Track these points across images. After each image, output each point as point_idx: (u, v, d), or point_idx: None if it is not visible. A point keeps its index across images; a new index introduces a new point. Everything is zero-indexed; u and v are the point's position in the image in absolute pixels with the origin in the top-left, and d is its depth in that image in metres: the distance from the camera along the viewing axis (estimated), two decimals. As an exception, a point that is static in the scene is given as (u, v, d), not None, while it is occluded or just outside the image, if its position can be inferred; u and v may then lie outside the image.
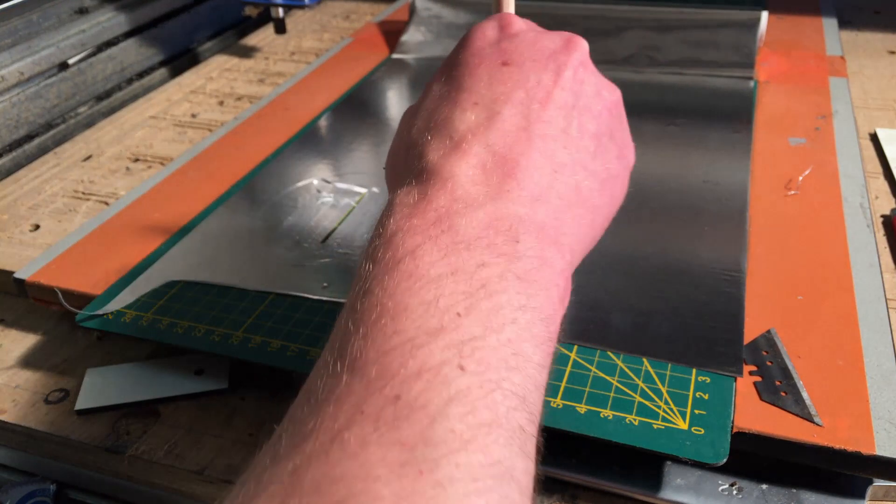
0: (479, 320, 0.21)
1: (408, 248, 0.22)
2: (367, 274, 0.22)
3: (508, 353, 0.20)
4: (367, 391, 0.19)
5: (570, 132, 0.26)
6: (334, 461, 0.18)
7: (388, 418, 0.18)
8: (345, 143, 0.57)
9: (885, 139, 0.57)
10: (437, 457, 0.18)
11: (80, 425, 0.38)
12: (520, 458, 0.19)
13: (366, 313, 0.21)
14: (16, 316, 0.47)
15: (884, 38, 0.76)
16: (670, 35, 0.67)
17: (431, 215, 0.23)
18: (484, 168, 0.24)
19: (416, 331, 0.20)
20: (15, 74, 0.65)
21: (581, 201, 0.26)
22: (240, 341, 0.38)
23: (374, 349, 0.20)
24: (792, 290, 0.39)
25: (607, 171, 0.28)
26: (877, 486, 0.33)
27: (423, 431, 0.18)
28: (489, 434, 0.19)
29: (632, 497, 0.33)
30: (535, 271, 0.23)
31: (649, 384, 0.34)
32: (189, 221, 0.48)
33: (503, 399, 0.20)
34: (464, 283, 0.21)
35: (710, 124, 0.56)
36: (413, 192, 0.24)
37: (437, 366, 0.19)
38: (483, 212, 0.23)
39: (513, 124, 0.26)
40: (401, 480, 0.17)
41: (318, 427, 0.19)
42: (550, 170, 0.25)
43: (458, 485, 0.17)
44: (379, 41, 0.76)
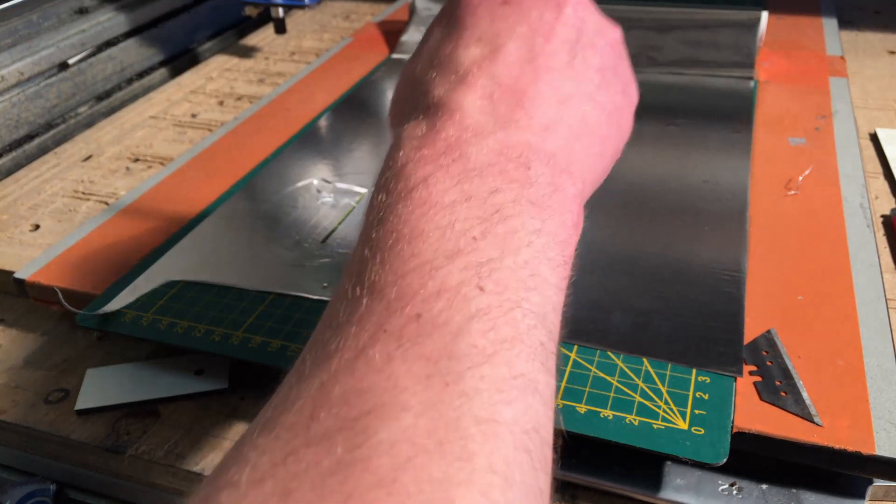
0: (495, 243, 0.21)
1: (420, 177, 0.22)
2: (379, 204, 0.22)
3: (526, 275, 0.21)
4: (388, 311, 0.19)
5: (574, 65, 0.26)
6: (360, 375, 0.18)
7: (411, 335, 0.19)
8: (345, 143, 0.57)
9: (885, 139, 0.57)
10: (462, 370, 0.18)
11: (80, 425, 0.38)
12: (542, 373, 0.20)
13: (382, 240, 0.21)
14: (16, 316, 0.47)
15: (884, 38, 0.76)
16: (670, 35, 0.67)
17: (441, 145, 0.23)
18: (491, 98, 0.24)
19: (433, 254, 0.20)
20: (15, 74, 0.65)
21: (589, 131, 0.26)
22: (240, 341, 0.38)
23: (392, 272, 0.20)
24: (792, 290, 0.39)
25: (613, 103, 0.28)
26: (877, 486, 0.33)
27: (446, 346, 0.18)
28: (511, 349, 0.19)
29: (632, 497, 0.33)
30: (547, 197, 0.23)
31: (649, 384, 0.34)
32: (189, 221, 0.48)
33: (523, 317, 0.20)
34: (478, 208, 0.21)
35: (710, 124, 0.56)
36: (421, 124, 0.24)
37: (457, 286, 0.20)
38: (493, 139, 0.23)
39: (517, 57, 0.25)
40: (427, 391, 0.17)
41: (342, 346, 0.19)
42: (557, 100, 0.25)
43: (484, 395, 0.18)
44: (379, 41, 0.76)
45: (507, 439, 0.18)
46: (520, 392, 0.18)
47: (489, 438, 0.17)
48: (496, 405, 0.18)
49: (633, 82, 0.30)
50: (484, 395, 0.18)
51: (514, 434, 0.18)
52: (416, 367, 0.18)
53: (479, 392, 0.18)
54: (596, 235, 0.44)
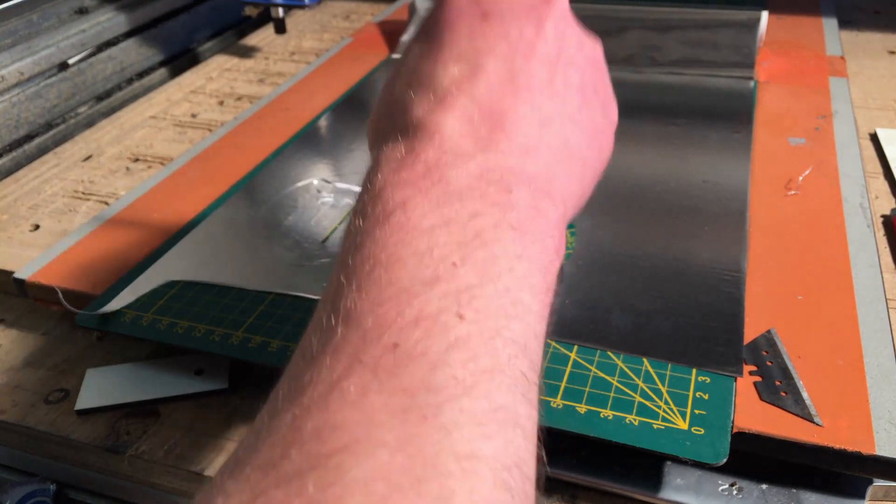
0: (475, 269, 0.20)
1: (398, 201, 0.22)
2: (357, 229, 0.22)
3: (507, 302, 0.20)
4: (363, 341, 0.19)
5: (555, 85, 0.26)
6: (334, 409, 0.17)
7: (388, 366, 0.18)
8: (345, 143, 0.57)
9: (885, 139, 0.57)
10: (440, 402, 0.17)
11: (80, 425, 0.38)
12: (523, 405, 0.19)
13: (358, 267, 0.20)
14: (16, 316, 0.47)
15: (884, 38, 0.76)
16: (670, 35, 0.67)
17: (420, 168, 0.22)
18: (471, 121, 0.24)
19: (410, 280, 0.20)
20: (15, 74, 0.65)
21: (570, 154, 0.26)
22: (240, 341, 0.38)
23: (368, 300, 0.19)
24: (792, 290, 0.39)
25: (593, 124, 0.27)
26: (877, 486, 0.33)
27: (424, 378, 0.18)
28: (492, 380, 0.18)
29: (632, 497, 0.33)
30: (529, 221, 0.22)
31: (649, 384, 0.34)
32: (189, 221, 0.48)
33: (504, 346, 0.19)
34: (458, 233, 0.21)
35: (710, 124, 0.56)
36: (399, 147, 0.24)
37: (435, 314, 0.19)
38: (473, 163, 0.23)
39: (497, 77, 0.25)
40: (404, 426, 0.17)
41: (315, 379, 0.18)
42: (538, 122, 0.25)
43: (464, 429, 0.17)
44: (379, 41, 0.76)
45: (488, 477, 0.17)
46: (500, 426, 0.18)
47: (469, 476, 0.17)
48: (476, 440, 0.17)
49: (613, 100, 0.30)
50: (464, 430, 0.17)
51: (494, 471, 0.17)
52: (392, 400, 0.17)
53: (459, 426, 0.17)
54: (596, 235, 0.44)
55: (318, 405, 0.17)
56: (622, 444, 0.31)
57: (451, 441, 0.17)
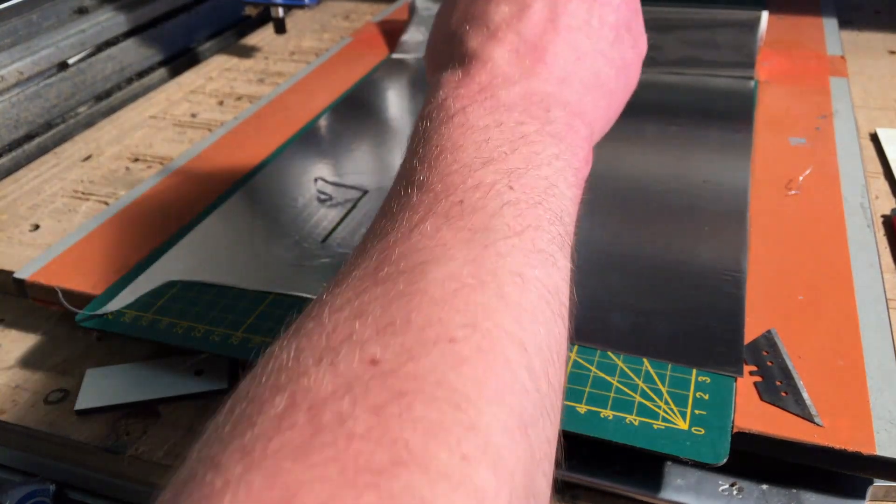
0: (521, 158, 0.25)
1: (458, 107, 0.27)
2: (423, 128, 0.27)
3: (546, 185, 0.25)
4: (435, 199, 0.23)
5: (591, 23, 0.30)
6: (415, 241, 0.22)
7: (456, 214, 0.23)
8: (345, 143, 0.57)
9: (885, 139, 0.57)
10: (497, 238, 0.22)
11: (80, 425, 0.38)
12: (560, 254, 0.24)
13: (428, 152, 0.25)
14: (16, 316, 0.47)
15: (884, 38, 0.76)
16: (670, 35, 0.67)
17: (475, 87, 0.27)
18: (517, 53, 0.28)
19: (471, 160, 0.24)
20: (14, 74, 0.65)
21: (600, 85, 0.30)
22: (240, 341, 0.38)
23: (438, 174, 0.24)
24: (792, 290, 0.39)
25: (623, 59, 0.31)
26: (877, 486, 0.33)
27: (484, 222, 0.22)
28: (536, 231, 0.23)
29: (632, 497, 0.33)
30: (564, 133, 0.27)
31: (649, 384, 0.34)
32: (189, 221, 0.48)
33: (544, 212, 0.24)
34: (507, 132, 0.26)
35: (710, 124, 0.56)
36: (457, 71, 0.29)
37: (491, 183, 0.24)
38: (519, 87, 0.27)
39: (542, 16, 0.29)
40: (470, 249, 0.22)
41: (397, 226, 0.23)
42: (574, 57, 0.29)
43: (515, 257, 0.22)
44: (379, 41, 0.76)
45: (532, 290, 0.21)
46: (542, 262, 0.22)
47: (518, 285, 0.21)
48: (524, 266, 0.22)
49: (643, 35, 0.33)
50: (515, 257, 0.22)
51: (537, 288, 0.22)
52: (460, 234, 0.22)
53: (511, 254, 0.22)
54: (596, 235, 0.44)
55: (402, 239, 0.22)
56: (622, 444, 0.31)
57: (504, 262, 0.22)
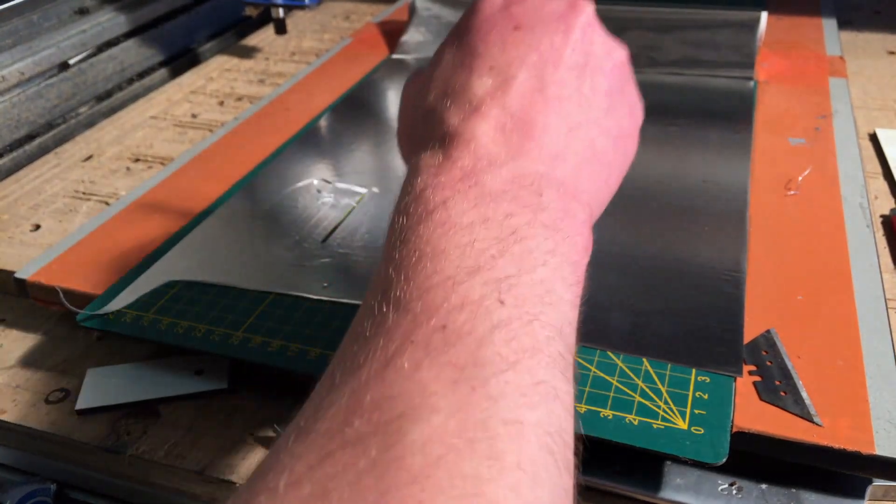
0: (512, 261, 0.22)
1: (438, 201, 0.23)
2: (401, 226, 0.24)
3: (542, 291, 0.22)
4: (414, 324, 0.20)
5: (583, 91, 0.27)
6: (390, 383, 0.19)
7: (438, 344, 0.20)
8: (345, 143, 0.57)
9: (884, 139, 0.57)
10: (487, 375, 0.19)
11: (80, 425, 0.38)
12: (561, 381, 0.20)
13: (404, 259, 0.22)
14: (16, 316, 0.47)
15: (884, 38, 0.76)
16: (670, 35, 0.67)
17: (457, 172, 0.24)
18: (504, 129, 0.25)
19: (455, 270, 0.21)
20: (15, 75, 0.65)
21: (596, 158, 0.27)
22: (240, 341, 0.38)
23: (416, 288, 0.21)
24: (792, 290, 0.39)
25: (619, 128, 0.29)
26: (876, 485, 0.33)
27: (471, 354, 0.19)
28: (532, 357, 0.20)
29: (632, 497, 0.33)
30: (559, 221, 0.24)
31: (649, 384, 0.34)
32: (189, 221, 0.48)
33: (542, 329, 0.21)
34: (495, 229, 0.23)
35: (710, 124, 0.56)
36: (437, 154, 0.25)
37: (479, 299, 0.21)
38: (506, 169, 0.24)
39: (528, 87, 0.26)
40: (455, 395, 0.18)
41: (370, 358, 0.20)
42: (566, 129, 0.26)
43: (509, 399, 0.19)
44: (379, 41, 0.76)
45: (532, 440, 0.18)
46: (542, 398, 0.19)
47: (515, 438, 0.18)
48: (521, 408, 0.19)
49: (639, 102, 0.31)
50: (509, 399, 0.19)
51: (538, 436, 0.19)
52: (443, 373, 0.19)
53: (504, 396, 0.19)
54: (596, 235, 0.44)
55: (375, 380, 0.19)
56: (622, 443, 0.31)
57: (497, 408, 0.18)
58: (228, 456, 0.36)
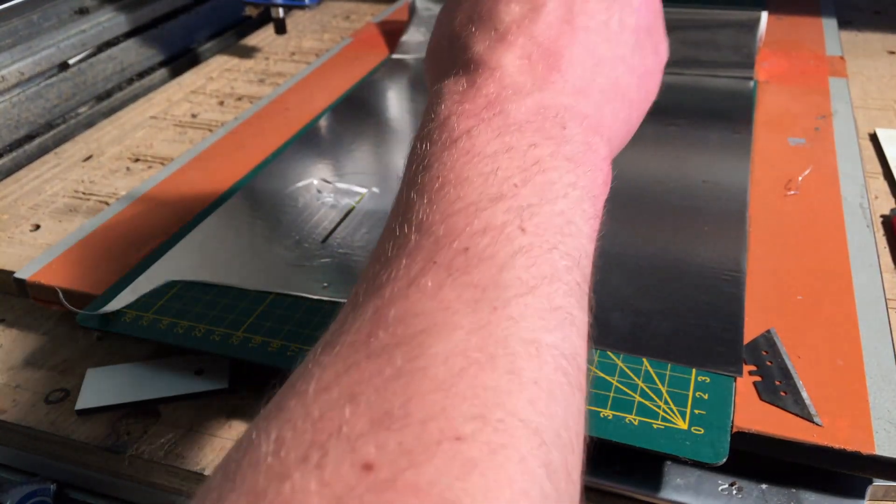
0: (534, 191, 0.22)
1: (463, 129, 0.23)
2: (424, 152, 0.23)
3: (562, 222, 0.22)
4: (436, 245, 0.20)
5: (610, 25, 0.27)
6: (413, 301, 0.19)
7: (460, 266, 0.20)
8: (345, 143, 0.57)
9: (884, 139, 0.57)
10: (508, 297, 0.19)
11: (80, 425, 0.38)
12: (577, 309, 0.21)
13: (428, 184, 0.22)
14: (16, 316, 0.47)
15: (884, 38, 0.76)
16: (670, 35, 0.66)
17: (482, 101, 0.24)
18: (530, 59, 0.25)
19: (478, 196, 0.21)
20: (15, 74, 0.65)
21: (620, 94, 0.27)
22: (240, 341, 0.38)
23: (439, 212, 0.21)
24: (792, 290, 0.39)
25: (644, 66, 0.29)
26: (876, 485, 0.33)
27: (493, 276, 0.20)
28: (551, 284, 0.20)
29: (632, 497, 0.33)
30: (581, 154, 0.24)
31: (649, 384, 0.34)
32: (189, 221, 0.48)
33: (560, 258, 0.21)
34: (518, 159, 0.23)
35: (710, 124, 0.56)
36: (462, 80, 0.25)
37: (501, 225, 0.21)
38: (531, 99, 0.24)
39: (556, 17, 0.26)
40: (476, 314, 0.19)
41: (393, 277, 0.20)
42: (592, 63, 0.26)
43: (529, 320, 0.19)
44: (379, 41, 0.76)
45: (549, 360, 0.19)
46: (559, 322, 0.20)
47: (533, 357, 0.19)
48: (539, 330, 0.19)
49: (665, 40, 0.31)
50: (528, 321, 0.19)
51: (554, 357, 0.19)
52: (465, 293, 0.19)
53: (524, 317, 0.19)
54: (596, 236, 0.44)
55: (398, 297, 0.19)
56: (622, 443, 0.31)
57: (517, 328, 0.19)
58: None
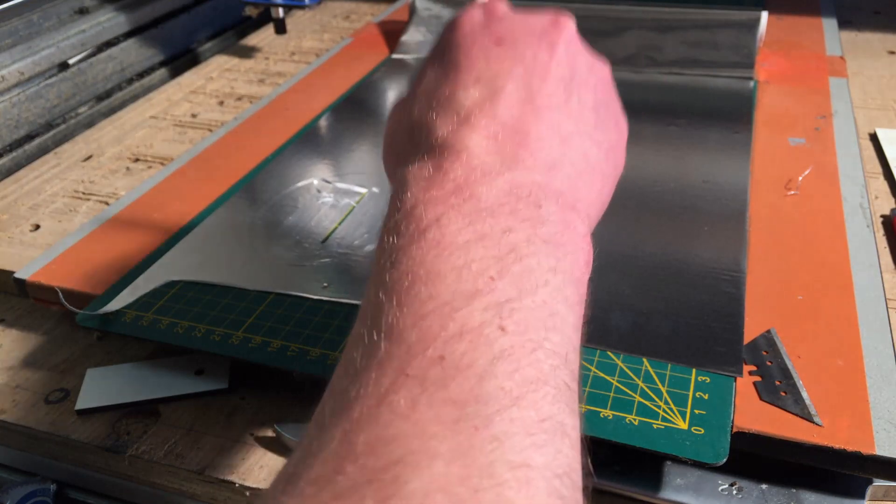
0: (512, 283, 0.20)
1: (431, 218, 0.22)
2: (391, 247, 0.22)
3: (545, 314, 0.20)
4: (408, 355, 0.19)
5: (570, 104, 0.27)
6: (385, 423, 0.17)
7: (436, 378, 0.18)
8: (345, 143, 0.57)
9: (884, 139, 0.57)
10: (490, 413, 0.18)
11: (80, 425, 0.38)
12: (568, 415, 0.19)
13: (396, 283, 0.21)
14: (16, 316, 0.47)
15: (884, 38, 0.76)
16: (670, 35, 0.67)
17: (450, 185, 0.23)
18: (496, 139, 0.24)
19: (451, 295, 0.20)
20: (15, 74, 0.65)
21: (590, 168, 0.26)
22: (240, 341, 0.38)
23: (410, 315, 0.20)
24: (792, 290, 0.39)
25: (608, 140, 0.28)
26: (876, 485, 0.33)
27: (472, 389, 0.18)
28: (537, 391, 0.19)
29: (632, 497, 0.33)
30: (559, 235, 0.23)
31: (649, 384, 0.34)
32: (189, 221, 0.48)
33: (546, 358, 0.19)
34: (493, 248, 0.21)
35: (710, 124, 0.56)
36: (427, 165, 0.24)
37: (478, 327, 0.19)
38: (502, 179, 0.23)
39: (517, 98, 0.26)
40: (457, 436, 0.17)
41: (362, 394, 0.18)
42: (559, 139, 0.26)
43: (515, 439, 0.17)
44: (379, 41, 0.76)
45: (541, 486, 0.17)
46: (549, 436, 0.18)
47: (523, 485, 0.17)
48: (527, 449, 0.17)
49: (623, 116, 0.31)
50: (515, 440, 0.17)
51: (547, 480, 0.17)
52: (443, 411, 0.17)
53: (510, 436, 0.17)
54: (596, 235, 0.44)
55: (368, 419, 0.17)
56: (622, 444, 0.31)
57: (503, 451, 0.17)
58: (228, 456, 0.36)
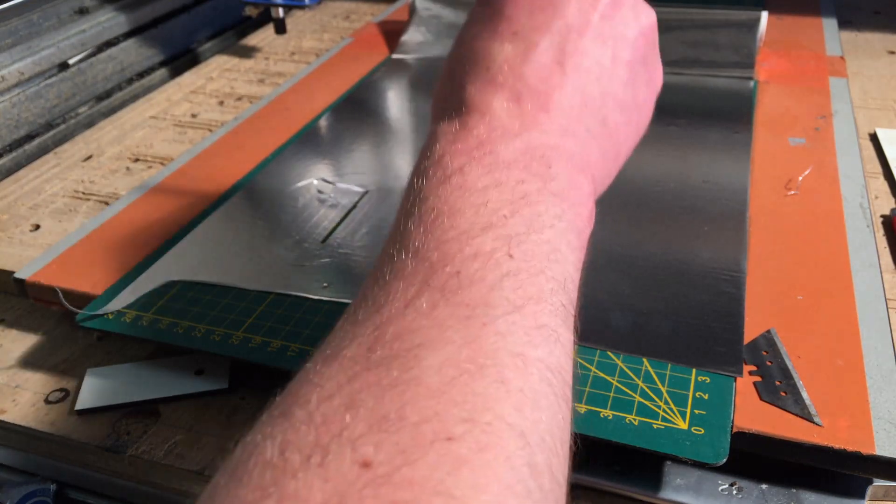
0: (522, 221, 0.24)
1: (456, 167, 0.25)
2: (420, 186, 0.25)
3: (549, 250, 0.24)
4: (431, 270, 0.22)
5: (603, 62, 0.28)
6: (410, 319, 0.21)
7: (453, 287, 0.22)
8: (345, 143, 0.57)
9: (884, 139, 0.57)
10: (496, 315, 0.21)
11: (80, 425, 0.38)
12: (562, 328, 0.22)
13: (423, 215, 0.24)
14: (16, 316, 0.47)
15: (884, 38, 0.76)
16: (670, 35, 0.67)
17: (473, 141, 0.26)
18: (519, 100, 0.27)
19: (469, 226, 0.23)
20: (15, 74, 0.65)
21: (607, 133, 0.28)
22: (240, 341, 0.38)
23: (434, 240, 0.23)
24: (792, 290, 0.39)
25: (635, 99, 0.30)
26: (876, 485, 0.33)
27: (482, 297, 0.21)
28: (537, 304, 0.22)
29: (632, 497, 0.33)
30: (566, 191, 0.25)
31: (649, 384, 0.34)
32: (189, 221, 0.48)
33: (546, 282, 0.23)
34: (507, 193, 0.24)
35: (710, 124, 0.56)
36: (455, 122, 0.27)
37: (490, 252, 0.23)
38: (519, 140, 0.26)
39: (548, 57, 0.27)
40: (468, 329, 0.20)
41: (391, 299, 0.22)
42: (580, 103, 0.27)
43: (515, 336, 0.21)
44: (379, 41, 0.76)
45: (534, 372, 0.20)
46: (544, 339, 0.21)
47: (520, 368, 0.20)
48: (525, 345, 0.21)
49: (660, 68, 0.32)
50: (515, 336, 0.21)
51: (539, 370, 0.21)
52: (457, 311, 0.21)
53: (512, 333, 0.21)
54: (596, 235, 0.44)
55: (395, 317, 0.21)
56: (622, 444, 0.31)
57: (505, 343, 0.20)
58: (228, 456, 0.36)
